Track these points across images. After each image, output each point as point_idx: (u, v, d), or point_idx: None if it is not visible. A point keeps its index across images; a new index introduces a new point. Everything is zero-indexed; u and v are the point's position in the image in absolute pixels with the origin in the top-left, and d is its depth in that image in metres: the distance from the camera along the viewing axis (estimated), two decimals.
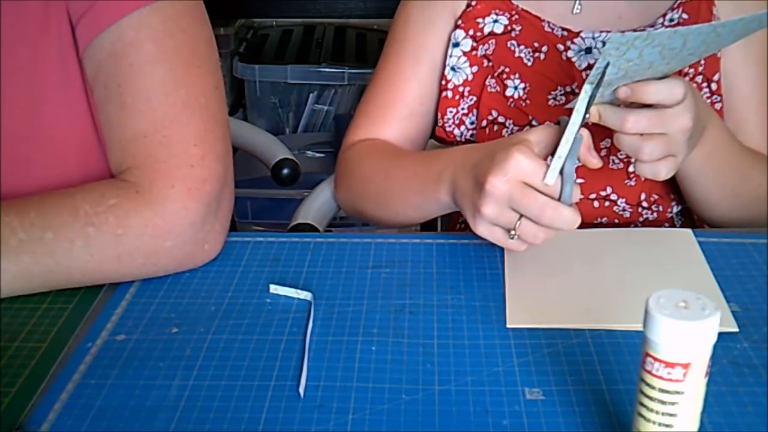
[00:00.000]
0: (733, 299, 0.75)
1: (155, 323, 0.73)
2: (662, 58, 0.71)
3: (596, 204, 0.97)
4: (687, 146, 0.79)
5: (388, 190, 0.93)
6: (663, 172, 0.79)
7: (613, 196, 0.97)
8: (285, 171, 1.42)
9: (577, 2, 0.97)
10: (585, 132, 0.73)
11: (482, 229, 0.75)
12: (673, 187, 1.00)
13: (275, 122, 2.27)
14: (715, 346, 0.52)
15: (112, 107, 0.77)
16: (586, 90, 0.71)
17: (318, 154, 2.14)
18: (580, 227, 0.74)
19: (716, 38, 0.71)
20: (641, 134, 0.76)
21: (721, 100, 0.97)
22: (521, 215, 0.73)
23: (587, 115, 0.71)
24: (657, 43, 0.69)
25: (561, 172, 0.71)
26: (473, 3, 0.98)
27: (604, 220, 0.98)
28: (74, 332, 0.72)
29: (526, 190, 0.71)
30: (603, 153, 0.96)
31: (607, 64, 0.69)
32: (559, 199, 0.72)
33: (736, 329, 0.71)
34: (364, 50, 2.25)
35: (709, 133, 0.85)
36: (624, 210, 0.98)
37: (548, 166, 0.71)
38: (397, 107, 1.01)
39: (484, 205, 0.73)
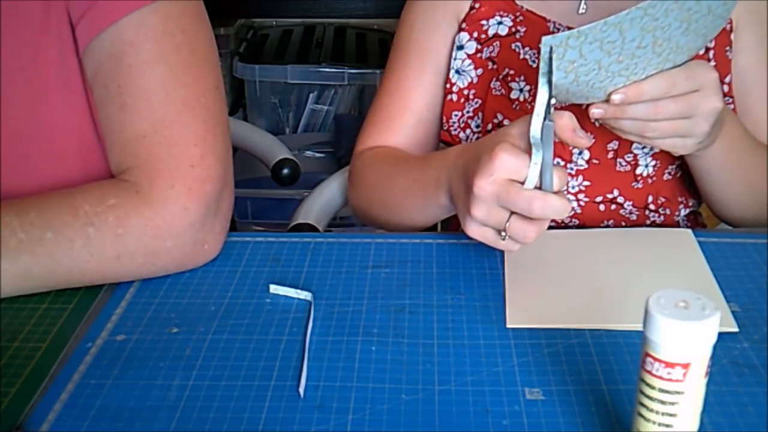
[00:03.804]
0: (733, 299, 0.75)
1: (155, 323, 0.73)
2: (608, 54, 0.69)
3: (602, 207, 0.97)
4: (708, 132, 0.79)
5: (393, 196, 0.93)
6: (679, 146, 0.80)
7: (620, 199, 0.97)
8: (285, 171, 1.42)
9: (583, 2, 0.96)
10: (567, 114, 0.71)
11: (473, 231, 0.74)
12: (680, 189, 1.00)
13: (275, 122, 2.26)
14: (715, 346, 0.52)
15: (112, 107, 0.77)
16: (542, 96, 0.69)
17: (318, 154, 2.14)
18: (583, 229, 0.74)
19: (653, 22, 0.68)
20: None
21: (732, 102, 0.97)
22: (510, 214, 0.71)
23: (550, 113, 0.69)
24: (592, 38, 0.67)
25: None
26: (477, 5, 0.98)
27: (611, 223, 0.98)
28: (74, 332, 0.72)
29: (511, 187, 0.69)
30: (610, 155, 0.95)
31: (551, 55, 0.67)
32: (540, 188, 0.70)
33: (736, 329, 0.71)
34: (364, 50, 2.25)
35: (727, 126, 0.85)
36: (631, 213, 0.97)
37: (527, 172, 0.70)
38: (404, 115, 1.01)
39: (473, 207, 0.72)
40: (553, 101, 0.68)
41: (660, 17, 0.68)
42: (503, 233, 0.72)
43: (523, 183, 0.70)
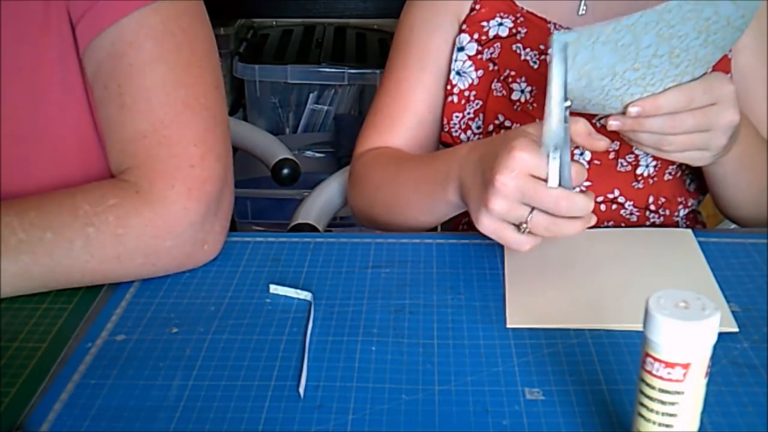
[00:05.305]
0: (733, 299, 0.75)
1: (155, 323, 0.73)
2: (622, 60, 0.68)
3: (603, 207, 0.97)
4: (725, 144, 0.78)
5: (397, 196, 0.93)
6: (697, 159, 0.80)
7: (621, 199, 0.97)
8: (285, 171, 1.42)
9: (583, 3, 0.97)
10: (582, 120, 0.71)
11: (486, 225, 0.73)
12: (680, 189, 1.00)
13: (275, 122, 2.26)
14: (715, 346, 0.52)
15: (112, 107, 0.77)
16: (555, 96, 0.68)
17: (318, 154, 2.13)
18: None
19: (669, 29, 0.67)
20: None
21: None
22: (532, 209, 0.71)
23: (566, 116, 0.69)
24: (605, 39, 0.67)
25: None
26: (477, 6, 0.98)
27: (611, 223, 0.98)
28: (74, 332, 0.72)
29: (537, 185, 0.70)
30: (611, 156, 0.96)
31: (565, 54, 0.67)
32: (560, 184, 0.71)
33: (736, 329, 0.71)
34: (364, 50, 2.25)
35: (741, 133, 0.85)
36: (631, 214, 0.98)
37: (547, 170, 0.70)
38: (405, 116, 1.01)
39: (491, 201, 0.71)
40: (567, 103, 0.68)
41: (676, 24, 0.67)
42: (524, 226, 0.72)
43: (543, 179, 0.70)
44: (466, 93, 0.99)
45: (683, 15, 0.67)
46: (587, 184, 0.96)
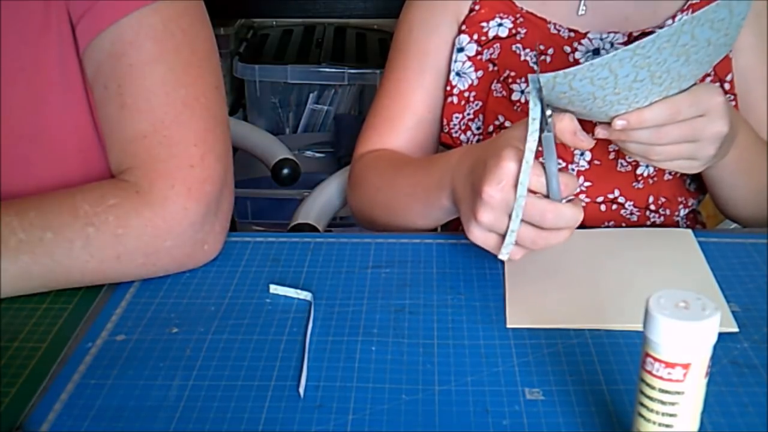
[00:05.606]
0: (733, 299, 0.75)
1: (155, 323, 0.73)
2: (601, 89, 0.68)
3: (603, 207, 0.97)
4: (714, 154, 0.78)
5: (395, 200, 0.93)
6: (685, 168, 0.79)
7: (621, 199, 0.97)
8: (285, 171, 1.42)
9: (582, 3, 0.96)
10: (567, 116, 0.71)
11: (476, 235, 0.74)
12: (680, 189, 1.00)
13: (275, 122, 2.26)
14: (715, 346, 0.52)
15: (112, 107, 0.77)
16: (533, 113, 0.68)
17: (318, 154, 2.14)
18: (584, 229, 0.73)
19: (646, 60, 0.66)
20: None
21: (735, 100, 0.97)
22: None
23: (548, 123, 0.68)
24: (581, 77, 0.66)
25: (544, 169, 0.70)
26: (477, 7, 0.98)
27: (612, 224, 0.98)
28: (74, 332, 0.72)
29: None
30: (611, 156, 0.96)
31: (540, 86, 0.67)
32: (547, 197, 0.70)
33: (736, 329, 0.71)
34: (364, 50, 2.25)
35: (740, 136, 0.84)
36: (632, 214, 0.98)
37: (507, 231, 0.70)
38: (405, 117, 1.01)
39: (479, 212, 0.72)
40: (549, 112, 0.68)
41: (652, 54, 0.66)
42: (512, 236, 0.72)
43: (532, 191, 0.69)
44: (466, 94, 0.99)
45: (658, 46, 0.66)
46: (588, 184, 0.96)
